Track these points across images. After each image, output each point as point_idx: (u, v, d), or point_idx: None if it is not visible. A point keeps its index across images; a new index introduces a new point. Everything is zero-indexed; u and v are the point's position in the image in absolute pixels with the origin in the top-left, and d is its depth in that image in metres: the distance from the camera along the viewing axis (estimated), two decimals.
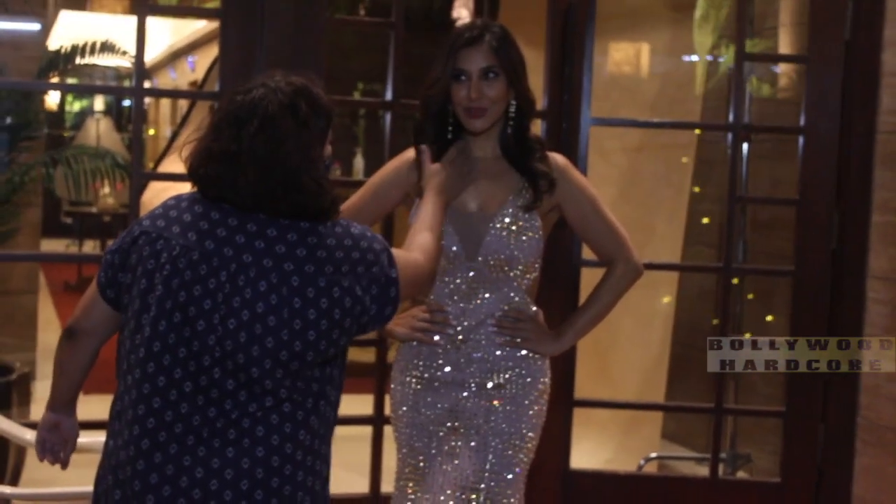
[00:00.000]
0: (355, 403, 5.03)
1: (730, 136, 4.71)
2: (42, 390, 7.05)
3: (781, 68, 6.60)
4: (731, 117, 4.67)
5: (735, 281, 5.56)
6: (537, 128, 4.50)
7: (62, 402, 2.88)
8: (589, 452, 4.83)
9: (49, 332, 9.70)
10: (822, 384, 4.60)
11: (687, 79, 6.57)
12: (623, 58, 6.96)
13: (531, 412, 3.19)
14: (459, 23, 8.14)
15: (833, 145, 4.59)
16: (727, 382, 4.76)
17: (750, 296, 6.15)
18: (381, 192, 3.31)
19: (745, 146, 5.62)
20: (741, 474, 5.90)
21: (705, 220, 6.95)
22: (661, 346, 6.47)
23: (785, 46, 6.39)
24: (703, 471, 5.70)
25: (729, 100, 5.04)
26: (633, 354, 6.63)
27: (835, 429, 4.62)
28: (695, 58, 6.43)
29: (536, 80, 4.45)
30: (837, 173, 4.59)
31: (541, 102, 4.48)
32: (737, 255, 5.32)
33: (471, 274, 3.16)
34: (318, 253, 2.41)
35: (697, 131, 6.65)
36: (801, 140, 4.62)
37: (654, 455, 6.22)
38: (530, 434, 3.19)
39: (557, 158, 3.27)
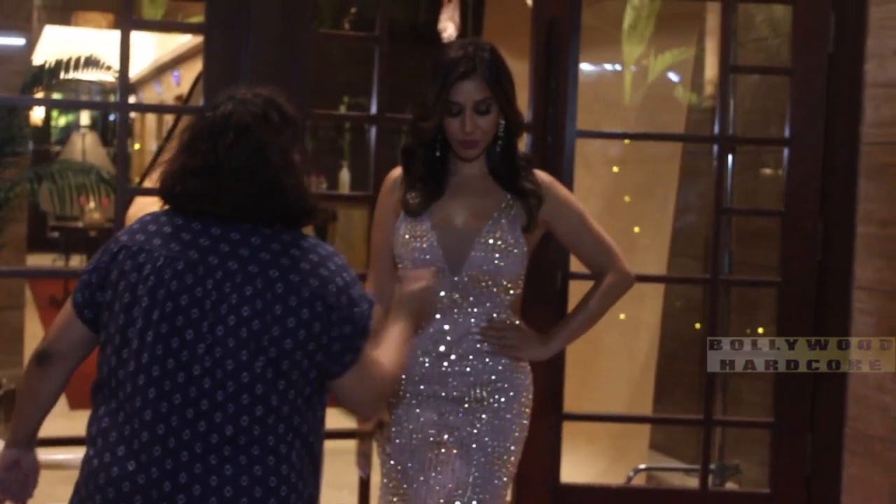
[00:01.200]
0: (343, 418, 5.03)
1: (715, 147, 4.71)
2: None
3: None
4: (716, 129, 4.68)
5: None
6: (522, 140, 4.51)
7: (24, 434, 2.81)
8: (576, 465, 4.82)
9: (34, 347, 9.66)
10: (811, 394, 4.60)
11: (669, 91, 6.59)
12: (606, 70, 6.97)
13: (514, 426, 3.20)
14: (445, 35, 8.14)
15: (818, 156, 4.59)
16: (715, 393, 4.76)
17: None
18: (386, 221, 3.31)
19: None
20: (730, 485, 5.90)
21: (690, 232, 6.98)
22: (648, 358, 6.47)
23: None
24: (692, 482, 5.70)
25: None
26: (619, 366, 6.63)
27: (823, 439, 4.62)
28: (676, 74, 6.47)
29: (521, 94, 4.47)
30: (822, 184, 4.60)
31: (525, 115, 4.50)
32: (722, 267, 5.32)
33: (455, 289, 3.16)
34: (301, 265, 2.42)
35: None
36: (786, 151, 4.63)
37: (642, 467, 6.22)
38: (513, 448, 3.20)
39: (543, 176, 3.28)
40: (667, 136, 6.39)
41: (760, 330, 6.22)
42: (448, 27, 8.35)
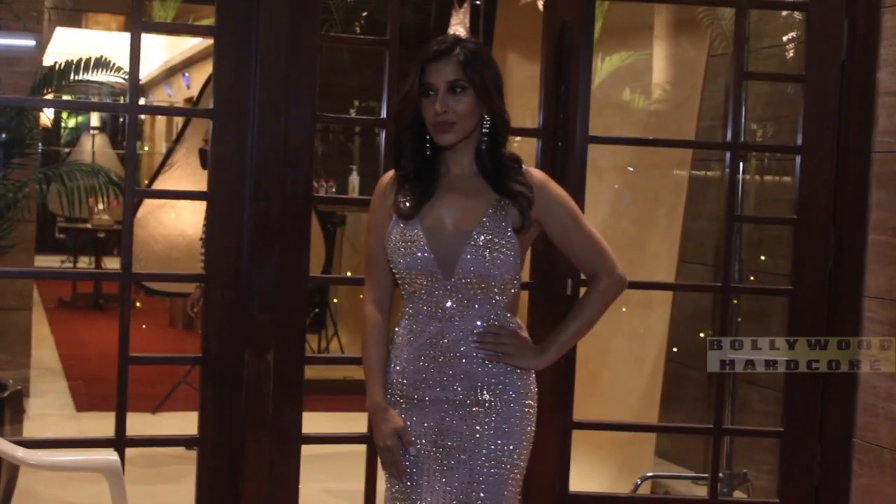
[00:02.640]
0: (350, 421, 5.03)
1: (728, 154, 4.68)
2: (35, 407, 7.05)
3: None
4: (728, 136, 4.66)
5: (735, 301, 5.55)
6: (532, 146, 4.49)
7: None
8: (582, 473, 4.81)
9: (43, 348, 9.70)
10: (820, 404, 4.59)
11: (683, 97, 6.58)
12: (617, 75, 6.97)
13: (518, 429, 3.18)
14: None
15: (830, 164, 4.58)
16: (724, 402, 4.75)
17: (739, 319, 6.14)
18: (380, 226, 3.29)
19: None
20: (738, 494, 5.88)
21: (699, 239, 6.97)
22: (655, 365, 6.46)
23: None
24: (700, 490, 5.69)
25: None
26: (627, 373, 6.61)
27: (831, 449, 4.60)
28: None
29: (534, 97, 4.46)
30: (834, 193, 4.58)
31: (536, 120, 4.48)
32: (732, 274, 5.31)
33: (449, 292, 3.14)
34: None
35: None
36: (798, 159, 4.61)
37: (649, 475, 6.20)
38: (518, 451, 3.17)
39: (535, 174, 3.25)
40: (678, 142, 6.38)
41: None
42: (459, 32, 8.35)
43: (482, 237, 3.12)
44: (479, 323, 3.16)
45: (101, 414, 6.97)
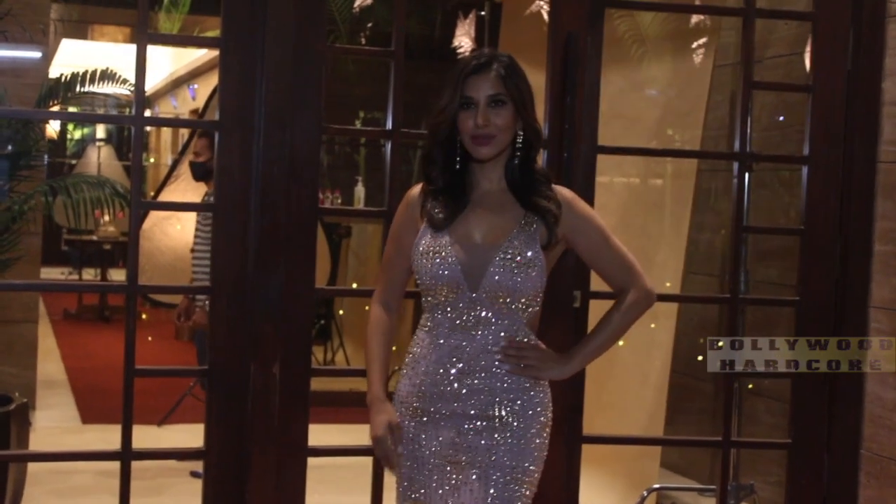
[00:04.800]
0: (356, 433, 5.02)
1: (735, 165, 4.68)
2: (41, 419, 7.06)
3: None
4: (736, 146, 4.66)
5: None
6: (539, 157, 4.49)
7: None
8: (589, 485, 4.80)
9: (49, 361, 9.70)
10: (827, 415, 4.58)
11: (689, 107, 6.58)
12: (624, 85, 6.97)
13: (533, 445, 3.17)
14: (461, 51, 8.17)
15: (836, 175, 4.58)
16: (732, 414, 4.74)
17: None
18: (403, 237, 3.30)
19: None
20: None
21: (704, 250, 6.97)
22: (661, 377, 6.46)
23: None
24: (706, 502, 5.68)
25: None
26: (632, 385, 6.61)
27: (839, 460, 4.60)
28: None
29: (539, 107, 4.46)
30: (840, 203, 4.58)
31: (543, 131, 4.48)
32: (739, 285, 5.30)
33: (472, 305, 3.15)
34: None
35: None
36: (804, 169, 4.61)
37: (656, 486, 6.19)
38: (532, 467, 3.17)
39: (564, 192, 3.27)
40: (686, 152, 6.39)
41: None
42: (464, 43, 8.37)
43: (510, 252, 3.12)
44: (501, 337, 3.16)
45: (106, 426, 6.98)
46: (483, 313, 3.15)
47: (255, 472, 4.23)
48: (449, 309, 3.17)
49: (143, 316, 12.52)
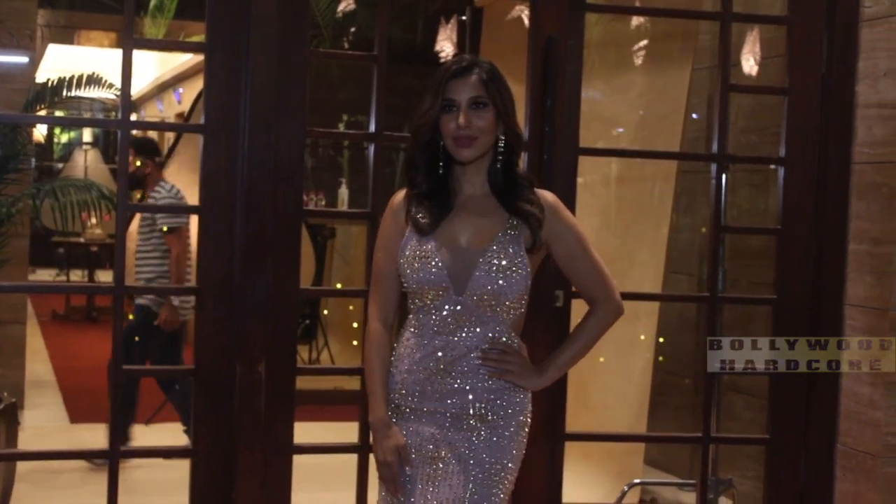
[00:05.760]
0: (341, 431, 5.08)
1: (714, 166, 4.74)
2: (30, 419, 7.10)
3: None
4: (714, 148, 4.73)
5: None
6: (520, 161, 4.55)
7: None
8: (572, 481, 4.86)
9: (37, 361, 9.74)
10: (804, 411, 4.65)
11: (669, 109, 6.65)
12: (603, 88, 7.04)
13: (512, 444, 3.23)
14: (443, 56, 8.24)
15: (812, 176, 4.64)
16: (711, 410, 4.81)
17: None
18: (391, 242, 3.34)
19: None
20: (723, 500, 5.94)
21: (683, 249, 7.04)
22: (643, 375, 6.52)
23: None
24: (686, 497, 5.75)
25: None
26: (615, 383, 6.67)
27: (815, 455, 4.67)
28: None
29: (519, 113, 4.52)
30: (815, 203, 4.65)
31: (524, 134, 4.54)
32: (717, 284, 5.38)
33: (458, 308, 3.19)
34: None
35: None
36: (780, 171, 4.68)
37: (636, 481, 6.26)
38: (510, 465, 3.23)
39: (547, 196, 3.31)
40: (665, 154, 6.45)
41: None
42: (446, 47, 8.44)
43: (495, 256, 3.17)
44: (485, 339, 3.21)
45: (94, 426, 7.02)
46: (468, 316, 3.19)
47: (242, 470, 4.28)
48: (434, 312, 3.21)
49: (130, 317, 12.53)
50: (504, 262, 3.16)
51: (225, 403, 4.28)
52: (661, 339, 6.76)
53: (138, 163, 7.45)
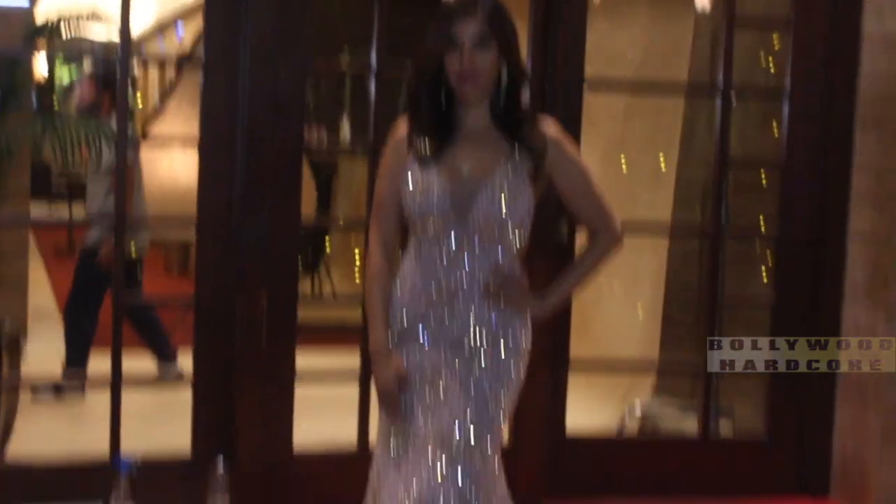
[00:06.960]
0: (342, 360, 5.07)
1: (718, 101, 4.71)
2: (33, 353, 7.11)
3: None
4: (720, 81, 4.70)
5: None
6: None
7: None
8: (579, 408, 4.90)
9: (39, 295, 9.75)
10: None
11: (673, 44, 6.61)
12: (609, 23, 6.99)
13: (512, 371, 3.24)
14: None
15: (816, 108, 4.63)
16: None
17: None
18: (393, 173, 3.33)
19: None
20: (723, 422, 5.95)
21: (691, 183, 7.02)
22: (654, 305, 6.54)
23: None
24: (688, 420, 5.75)
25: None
26: (622, 314, 6.70)
27: (815, 383, 4.72)
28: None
29: (522, 46, 4.50)
30: (820, 136, 4.64)
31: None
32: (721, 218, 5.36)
33: (461, 235, 3.19)
34: None
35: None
36: (785, 103, 4.66)
37: (637, 401, 6.27)
38: (510, 392, 3.24)
39: (551, 129, 3.29)
40: (672, 86, 6.41)
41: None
42: None
43: (498, 183, 3.16)
44: (487, 267, 3.22)
45: (98, 357, 7.00)
46: (469, 244, 3.20)
47: (243, 402, 4.31)
48: (436, 240, 3.21)
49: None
50: (506, 190, 3.16)
51: (226, 336, 4.29)
52: (671, 272, 6.76)
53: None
